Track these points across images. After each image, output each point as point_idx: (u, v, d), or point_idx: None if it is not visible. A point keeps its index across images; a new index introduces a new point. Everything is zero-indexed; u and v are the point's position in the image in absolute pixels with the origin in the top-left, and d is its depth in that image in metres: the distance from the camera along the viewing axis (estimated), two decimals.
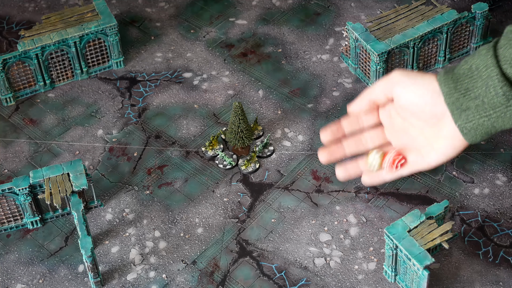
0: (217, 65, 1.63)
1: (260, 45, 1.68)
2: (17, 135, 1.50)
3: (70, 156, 1.44)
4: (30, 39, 1.51)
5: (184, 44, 1.69)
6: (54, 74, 1.57)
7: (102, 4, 1.59)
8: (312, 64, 1.61)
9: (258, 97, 1.55)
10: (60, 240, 1.30)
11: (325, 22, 1.72)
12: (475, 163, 1.38)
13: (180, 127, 1.49)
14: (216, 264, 1.25)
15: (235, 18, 1.75)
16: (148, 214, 1.33)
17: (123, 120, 1.51)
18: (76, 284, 1.23)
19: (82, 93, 1.58)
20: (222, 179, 1.39)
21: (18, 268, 1.26)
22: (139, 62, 1.65)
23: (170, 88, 1.58)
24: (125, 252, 1.27)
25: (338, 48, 1.65)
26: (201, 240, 1.29)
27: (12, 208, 1.29)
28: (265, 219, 1.32)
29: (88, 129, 1.50)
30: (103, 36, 1.56)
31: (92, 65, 1.60)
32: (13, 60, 1.50)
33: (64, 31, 1.52)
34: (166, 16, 1.77)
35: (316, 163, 1.39)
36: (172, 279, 1.23)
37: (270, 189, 1.37)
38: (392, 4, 1.75)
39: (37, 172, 1.28)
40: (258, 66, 1.62)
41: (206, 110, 1.53)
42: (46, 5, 1.82)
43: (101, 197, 1.36)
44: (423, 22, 1.52)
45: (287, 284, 1.22)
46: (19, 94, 1.56)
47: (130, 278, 1.24)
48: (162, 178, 1.40)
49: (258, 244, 1.28)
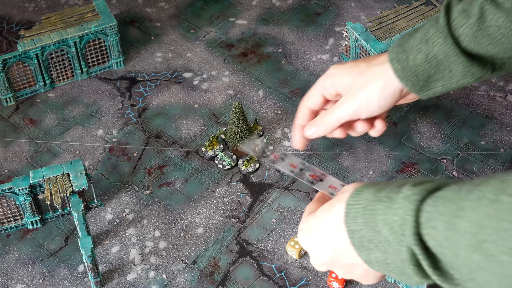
0: (217, 65, 1.63)
1: (260, 45, 1.68)
2: (17, 135, 1.50)
3: (70, 156, 1.44)
4: (30, 39, 1.51)
5: (184, 44, 1.69)
6: (54, 74, 1.57)
7: (102, 4, 1.59)
8: (312, 64, 1.61)
9: (258, 97, 1.55)
10: (60, 240, 1.30)
11: (325, 22, 1.72)
12: (475, 163, 1.38)
13: (180, 127, 1.49)
14: (216, 264, 1.25)
15: (235, 18, 1.75)
16: (148, 214, 1.33)
17: (123, 120, 1.51)
18: (76, 284, 1.23)
19: (82, 93, 1.58)
20: (222, 179, 1.39)
21: (18, 268, 1.26)
22: (139, 62, 1.65)
23: (170, 88, 1.58)
24: (125, 252, 1.27)
25: (338, 48, 1.65)
26: (201, 240, 1.29)
27: (12, 208, 1.29)
28: (265, 219, 1.32)
29: (88, 129, 1.50)
30: (103, 36, 1.56)
31: (92, 65, 1.60)
32: (13, 60, 1.50)
33: (64, 31, 1.52)
34: (166, 16, 1.77)
35: (316, 163, 1.39)
36: (172, 279, 1.23)
37: (270, 189, 1.37)
38: (392, 4, 1.75)
39: (37, 172, 1.28)
40: (258, 66, 1.62)
41: (206, 110, 1.53)
42: (46, 5, 1.82)
43: (101, 197, 1.36)
44: (423, 22, 1.52)
45: (287, 284, 1.21)
46: (19, 94, 1.56)
47: (130, 278, 1.24)
48: (162, 178, 1.40)
49: (258, 244, 1.28)
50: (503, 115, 1.47)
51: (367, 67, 0.84)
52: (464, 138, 1.43)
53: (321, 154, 1.38)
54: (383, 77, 0.83)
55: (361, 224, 0.63)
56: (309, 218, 0.73)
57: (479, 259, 0.54)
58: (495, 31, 0.79)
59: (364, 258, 0.64)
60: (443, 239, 0.57)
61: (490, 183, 0.54)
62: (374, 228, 0.62)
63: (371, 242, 0.63)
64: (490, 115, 1.47)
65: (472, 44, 0.82)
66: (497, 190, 0.53)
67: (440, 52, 0.82)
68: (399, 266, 0.62)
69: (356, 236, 0.64)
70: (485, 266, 0.54)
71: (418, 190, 0.60)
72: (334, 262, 0.70)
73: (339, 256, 0.68)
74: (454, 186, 0.59)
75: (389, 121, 1.47)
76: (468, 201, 0.55)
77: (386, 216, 0.61)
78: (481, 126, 1.45)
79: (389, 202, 0.62)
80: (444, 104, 1.50)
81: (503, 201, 0.52)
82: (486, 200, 0.53)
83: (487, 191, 0.54)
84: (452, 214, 0.56)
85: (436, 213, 0.58)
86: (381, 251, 0.62)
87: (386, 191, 0.63)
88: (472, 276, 0.56)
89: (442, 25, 0.81)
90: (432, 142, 1.43)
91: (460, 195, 0.57)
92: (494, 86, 1.54)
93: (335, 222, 0.68)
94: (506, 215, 0.51)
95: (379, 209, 0.62)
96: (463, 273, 0.56)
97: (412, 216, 0.59)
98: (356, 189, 0.66)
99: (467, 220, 0.54)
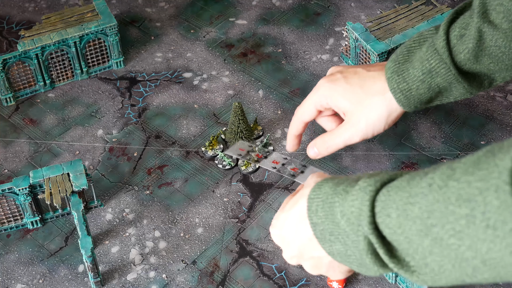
0: (217, 65, 1.63)
1: (260, 45, 1.68)
2: (17, 135, 1.50)
3: (70, 156, 1.44)
4: (30, 39, 1.51)
5: (184, 44, 1.69)
6: (54, 74, 1.57)
7: (102, 4, 1.59)
8: (312, 64, 1.61)
9: (258, 97, 1.55)
10: (60, 240, 1.30)
11: (325, 22, 1.72)
12: None
13: (180, 127, 1.50)
14: (216, 264, 1.25)
15: (235, 18, 1.76)
16: (148, 214, 1.33)
17: (123, 120, 1.52)
18: (76, 284, 1.23)
19: (82, 93, 1.58)
20: (222, 179, 1.39)
21: (18, 268, 1.26)
22: (139, 62, 1.65)
23: (170, 88, 1.58)
24: (125, 252, 1.27)
25: (338, 48, 1.65)
26: (201, 240, 1.29)
27: (12, 208, 1.29)
28: (265, 219, 1.32)
29: (88, 129, 1.50)
30: (103, 36, 1.56)
31: (92, 65, 1.60)
32: (13, 60, 1.50)
33: (64, 31, 1.52)
34: (166, 16, 1.77)
35: (316, 163, 1.39)
36: (172, 279, 1.23)
37: (270, 189, 1.37)
38: (392, 4, 1.75)
39: (37, 172, 1.28)
40: (258, 66, 1.62)
41: (206, 110, 1.53)
42: (46, 5, 1.82)
43: (101, 197, 1.36)
44: (423, 22, 1.52)
45: (287, 284, 1.21)
46: (19, 94, 1.56)
47: (130, 278, 1.24)
48: (162, 178, 1.40)
49: (258, 244, 1.28)
50: (503, 115, 1.47)
51: (366, 96, 0.90)
52: (464, 138, 1.43)
53: None
54: (387, 107, 0.88)
55: (322, 217, 0.66)
56: (278, 214, 0.76)
57: (429, 243, 0.56)
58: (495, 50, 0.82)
59: (327, 250, 0.67)
60: (396, 226, 0.59)
61: (439, 170, 0.57)
62: (333, 221, 0.65)
63: (332, 234, 0.65)
64: (490, 115, 1.47)
65: (474, 65, 0.85)
66: (445, 177, 0.55)
67: (443, 80, 0.86)
68: (358, 258, 0.64)
69: (318, 229, 0.67)
70: (435, 250, 0.56)
71: (372, 181, 0.62)
72: (301, 255, 0.73)
73: (305, 249, 0.71)
74: (407, 176, 0.62)
75: None
76: (419, 188, 0.57)
77: (343, 208, 0.64)
78: (481, 126, 1.45)
79: (345, 195, 0.64)
80: (444, 104, 1.50)
81: (450, 186, 0.54)
82: (435, 186, 0.55)
83: (436, 177, 0.56)
84: (404, 201, 0.58)
85: (390, 202, 0.60)
86: (341, 242, 0.65)
87: (344, 185, 0.65)
88: (426, 261, 0.57)
89: (444, 55, 0.83)
90: (432, 142, 1.43)
91: (412, 183, 0.59)
92: None
93: (300, 216, 0.71)
94: (453, 199, 0.53)
95: (337, 202, 0.65)
96: (417, 259, 0.58)
97: (368, 206, 0.61)
98: (317, 183, 0.68)
99: (418, 207, 0.57)
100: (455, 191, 0.53)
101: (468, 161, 0.54)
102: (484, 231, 0.51)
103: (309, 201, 0.69)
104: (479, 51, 0.83)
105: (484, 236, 0.51)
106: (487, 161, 0.52)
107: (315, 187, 0.69)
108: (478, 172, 0.52)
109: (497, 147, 0.52)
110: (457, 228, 0.53)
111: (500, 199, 0.49)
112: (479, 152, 0.55)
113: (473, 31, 0.82)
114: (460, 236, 0.53)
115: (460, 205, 0.52)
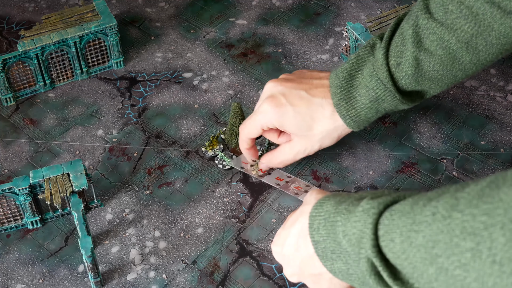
0: (217, 65, 1.63)
1: (260, 45, 1.68)
2: (17, 135, 1.50)
3: (70, 156, 1.44)
4: (30, 39, 1.51)
5: (184, 44, 1.69)
6: (54, 74, 1.57)
7: (102, 4, 1.59)
8: (312, 64, 1.61)
9: (258, 97, 1.55)
10: (60, 240, 1.30)
11: (325, 22, 1.72)
12: (475, 163, 1.38)
13: (180, 127, 1.50)
14: (216, 264, 1.25)
15: (235, 18, 1.76)
16: (148, 214, 1.33)
17: (123, 120, 1.52)
18: (76, 284, 1.23)
19: (82, 93, 1.58)
20: (222, 179, 1.39)
21: (18, 268, 1.26)
22: (139, 62, 1.65)
23: (170, 88, 1.58)
24: (125, 252, 1.27)
25: (338, 48, 1.65)
26: (201, 240, 1.29)
27: (12, 208, 1.29)
28: (265, 219, 1.32)
29: (88, 129, 1.50)
30: (103, 36, 1.56)
31: (92, 65, 1.60)
32: (13, 60, 1.50)
33: (64, 31, 1.52)
34: (166, 16, 1.77)
35: (316, 163, 1.39)
36: (172, 279, 1.23)
37: (270, 189, 1.37)
38: (392, 4, 1.75)
39: (37, 172, 1.28)
40: (258, 66, 1.62)
41: (206, 110, 1.53)
42: (46, 5, 1.82)
43: (101, 197, 1.36)
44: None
45: (287, 284, 1.22)
46: (19, 94, 1.56)
47: (130, 278, 1.24)
48: (162, 178, 1.40)
49: (258, 244, 1.28)
50: (503, 115, 1.47)
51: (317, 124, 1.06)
52: (464, 138, 1.43)
53: (320, 154, 1.38)
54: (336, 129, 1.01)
55: (324, 235, 0.66)
56: (280, 231, 0.77)
57: (434, 272, 0.56)
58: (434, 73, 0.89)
59: (329, 268, 0.67)
60: (400, 252, 0.59)
61: (443, 199, 0.57)
62: (335, 239, 0.65)
63: (334, 253, 0.65)
64: (490, 115, 1.48)
65: (416, 87, 0.93)
66: (449, 206, 0.55)
67: (389, 105, 0.96)
68: (361, 276, 0.64)
69: (319, 247, 0.67)
70: (441, 278, 0.56)
71: (376, 204, 0.62)
72: (302, 272, 0.73)
73: (306, 266, 0.71)
74: (410, 200, 0.61)
75: (389, 121, 1.47)
76: (423, 216, 0.57)
77: (345, 228, 0.64)
78: (481, 126, 1.45)
79: (348, 215, 0.64)
80: (444, 104, 1.50)
81: (454, 218, 0.54)
82: (439, 216, 0.55)
83: (440, 207, 0.56)
84: (408, 228, 0.58)
85: (393, 227, 0.60)
86: (343, 261, 0.65)
87: (346, 203, 0.65)
88: (431, 285, 0.58)
89: (388, 85, 0.92)
90: (432, 142, 1.43)
91: (416, 209, 0.59)
92: (494, 86, 1.54)
93: (301, 234, 0.71)
94: (457, 232, 0.53)
95: (339, 221, 0.65)
96: (422, 283, 0.59)
97: (371, 229, 0.61)
98: (319, 200, 0.68)
99: (422, 235, 0.57)
100: (459, 223, 0.53)
101: (472, 192, 0.54)
102: (490, 266, 0.51)
103: (310, 219, 0.68)
104: (419, 76, 0.90)
105: (491, 271, 0.51)
106: (491, 194, 0.52)
107: (316, 205, 0.68)
108: (482, 205, 0.52)
109: (501, 179, 0.52)
110: (463, 261, 0.53)
111: (506, 236, 0.49)
112: (483, 182, 0.54)
113: (410, 59, 0.88)
114: (466, 269, 0.53)
115: (465, 238, 0.52)
